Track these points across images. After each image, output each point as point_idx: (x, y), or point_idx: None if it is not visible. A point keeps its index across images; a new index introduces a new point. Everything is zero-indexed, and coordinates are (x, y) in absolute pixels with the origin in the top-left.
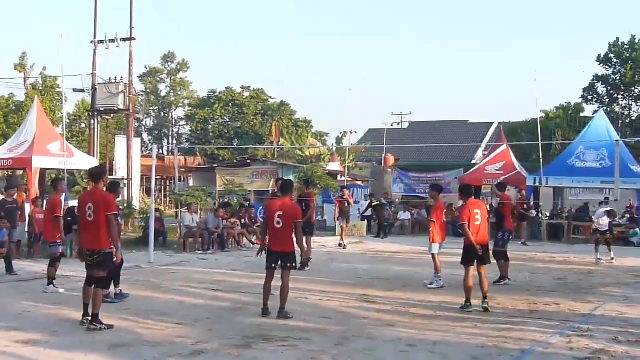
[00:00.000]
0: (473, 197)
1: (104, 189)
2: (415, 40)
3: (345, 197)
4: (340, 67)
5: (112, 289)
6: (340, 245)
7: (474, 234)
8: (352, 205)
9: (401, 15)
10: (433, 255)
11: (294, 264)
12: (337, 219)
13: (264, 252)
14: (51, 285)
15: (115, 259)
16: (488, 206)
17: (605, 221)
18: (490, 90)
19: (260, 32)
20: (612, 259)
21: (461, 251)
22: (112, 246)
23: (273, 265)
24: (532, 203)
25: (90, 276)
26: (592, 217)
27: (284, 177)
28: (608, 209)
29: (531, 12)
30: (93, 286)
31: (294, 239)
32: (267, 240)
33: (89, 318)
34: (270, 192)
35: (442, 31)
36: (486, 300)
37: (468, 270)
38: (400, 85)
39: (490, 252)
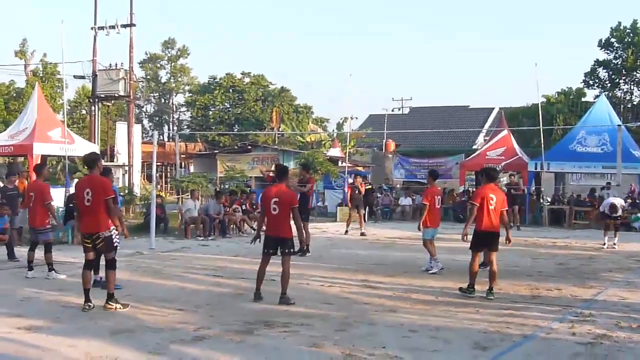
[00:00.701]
0: (493, 183)
1: (99, 174)
2: (416, 30)
3: (356, 184)
4: (340, 61)
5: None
6: (361, 233)
7: (484, 217)
8: (362, 193)
9: (404, 4)
10: (424, 241)
11: (292, 250)
12: (346, 205)
13: (258, 240)
14: (52, 272)
15: (118, 239)
16: None
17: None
18: (491, 75)
19: (261, 24)
20: (614, 244)
21: (459, 236)
22: (112, 228)
23: (270, 251)
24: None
25: (88, 260)
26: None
27: (283, 163)
28: (615, 202)
29: None
30: (92, 270)
31: (292, 225)
32: (265, 227)
33: (90, 304)
34: (264, 174)
35: (442, 23)
36: (492, 292)
37: (475, 255)
38: (400, 71)
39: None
